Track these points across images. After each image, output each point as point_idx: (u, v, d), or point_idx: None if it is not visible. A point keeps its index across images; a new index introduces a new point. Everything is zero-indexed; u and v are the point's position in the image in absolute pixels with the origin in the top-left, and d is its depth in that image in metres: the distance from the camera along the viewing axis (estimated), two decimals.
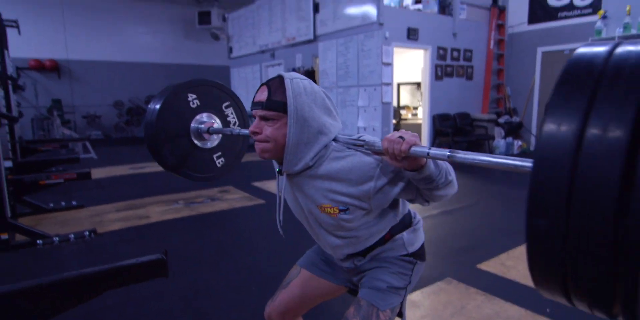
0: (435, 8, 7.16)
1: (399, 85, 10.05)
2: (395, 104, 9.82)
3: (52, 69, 11.65)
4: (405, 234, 1.21)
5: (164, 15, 13.17)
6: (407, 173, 0.97)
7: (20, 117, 9.53)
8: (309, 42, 7.79)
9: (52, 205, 4.28)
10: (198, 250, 3.14)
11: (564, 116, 0.53)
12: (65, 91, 11.96)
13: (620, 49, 0.56)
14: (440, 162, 0.98)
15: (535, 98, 7.81)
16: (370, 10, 6.35)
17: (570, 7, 7.00)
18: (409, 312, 2.14)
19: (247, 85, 10.34)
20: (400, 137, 0.90)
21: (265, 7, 8.83)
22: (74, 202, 4.40)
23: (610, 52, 0.56)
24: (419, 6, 7.36)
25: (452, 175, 1.04)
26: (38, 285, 1.34)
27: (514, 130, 8.14)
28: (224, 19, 11.04)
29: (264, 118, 1.06)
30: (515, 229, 3.55)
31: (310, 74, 7.86)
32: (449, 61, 7.30)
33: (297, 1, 7.78)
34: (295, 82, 1.05)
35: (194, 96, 1.61)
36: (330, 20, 7.09)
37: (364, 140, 1.01)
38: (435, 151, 0.86)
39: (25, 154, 5.50)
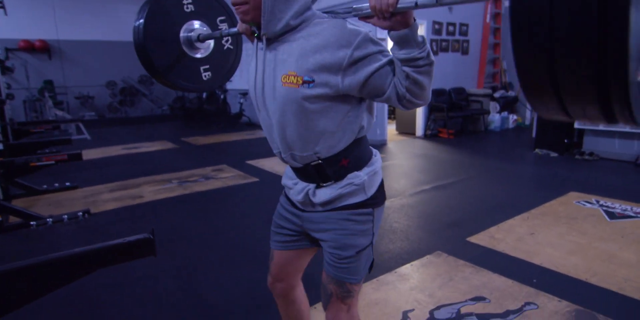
0: None
1: None
2: None
3: (42, 49, 11.44)
4: (362, 173, 1.11)
5: None
6: (393, 34, 0.91)
7: (10, 98, 9.44)
8: None
9: (45, 186, 4.27)
10: (192, 229, 3.16)
11: None
12: (56, 72, 11.78)
13: None
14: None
15: None
16: None
17: None
18: (399, 285, 2.18)
19: (240, 64, 10.19)
20: None
21: None
22: (67, 183, 4.39)
23: None
24: None
25: (432, 58, 0.96)
26: (29, 265, 1.36)
27: (510, 104, 8.10)
28: None
29: None
30: (507, 202, 3.58)
31: None
32: (444, 36, 7.18)
33: None
34: None
35: (189, 0, 1.54)
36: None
37: (350, 7, 0.97)
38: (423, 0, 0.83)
39: (17, 136, 5.46)
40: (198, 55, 1.60)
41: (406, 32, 0.90)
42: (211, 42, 1.62)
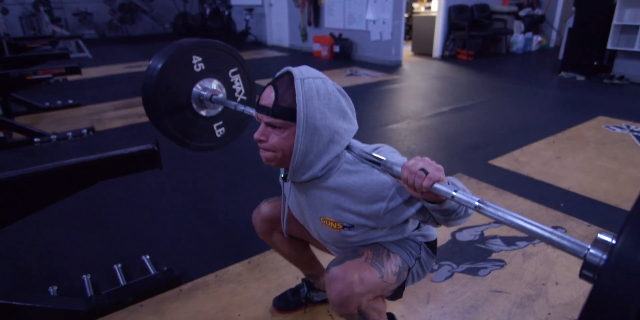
0: None
1: None
2: None
3: None
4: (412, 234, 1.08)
5: None
6: (426, 204, 0.86)
7: (4, 13, 8.93)
8: None
9: (47, 104, 4.12)
10: None
11: None
12: None
13: None
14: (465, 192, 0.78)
15: None
16: None
17: None
18: None
19: None
20: (423, 169, 0.78)
21: None
22: (70, 101, 4.23)
23: None
24: None
25: (472, 211, 0.88)
26: (31, 174, 1.27)
27: (535, 24, 7.52)
28: None
29: (270, 125, 0.91)
30: (531, 125, 3.38)
31: None
32: None
33: None
34: (307, 83, 0.87)
35: (199, 59, 1.42)
36: None
37: (381, 159, 0.88)
38: (461, 196, 0.72)
39: (13, 52, 5.18)
40: (210, 113, 1.51)
41: (436, 206, 0.83)
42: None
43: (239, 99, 1.60)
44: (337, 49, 6.74)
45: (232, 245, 1.82)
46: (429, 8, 9.06)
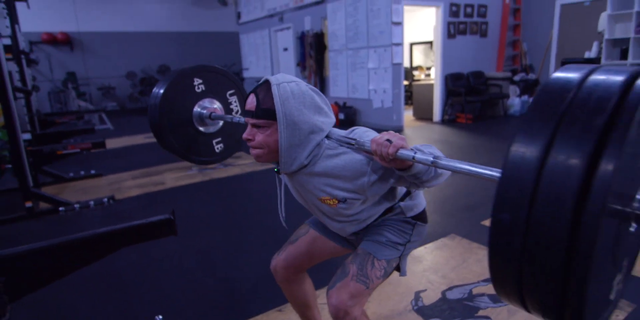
0: None
1: (411, 45, 9.81)
2: (407, 64, 9.63)
3: (64, 41, 11.68)
4: (401, 204, 1.26)
5: None
6: (397, 172, 1.02)
7: (36, 90, 9.70)
8: (317, 3, 7.60)
9: (72, 174, 4.45)
10: (211, 213, 3.26)
11: (531, 144, 0.58)
12: (78, 63, 12.04)
13: (592, 78, 0.58)
14: (430, 151, 0.98)
15: (552, 53, 7.54)
16: None
17: None
18: (412, 267, 2.22)
19: (256, 51, 10.24)
20: (388, 139, 0.94)
21: None
22: (92, 171, 4.56)
23: (582, 82, 0.59)
24: None
25: (442, 171, 1.05)
26: (59, 244, 1.45)
27: (530, 87, 7.94)
28: None
29: (255, 126, 1.10)
30: None
31: (319, 37, 7.71)
32: (462, 18, 7.05)
33: None
34: (282, 87, 1.06)
35: (200, 81, 1.65)
36: None
37: (355, 139, 1.06)
38: (420, 156, 0.90)
39: (43, 127, 5.65)
40: (210, 130, 1.72)
41: (406, 172, 0.99)
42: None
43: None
44: (342, 116, 7.16)
45: (239, 303, 1.96)
46: (428, 75, 9.65)
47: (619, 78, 0.57)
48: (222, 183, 4.12)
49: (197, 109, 1.66)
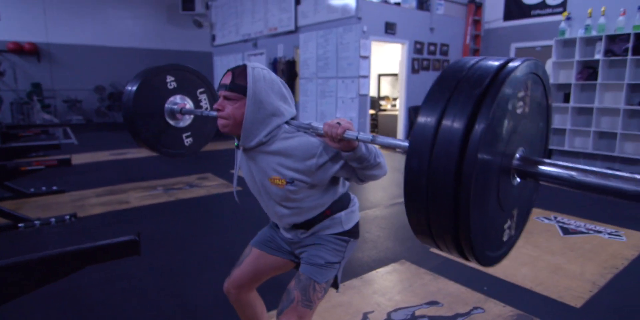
0: (413, 3, 7.35)
1: (379, 76, 10.25)
2: (375, 94, 10.04)
3: (31, 52, 11.52)
4: (342, 213, 1.40)
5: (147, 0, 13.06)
6: (343, 154, 1.17)
7: None
8: (290, 32, 7.92)
9: (33, 190, 4.41)
10: (174, 234, 3.34)
11: (431, 110, 0.76)
12: (45, 75, 11.85)
13: (480, 63, 0.78)
14: (371, 147, 1.20)
15: None
16: (350, 3, 6.50)
17: (542, 5, 7.27)
18: (362, 289, 2.39)
19: None
20: (338, 122, 1.11)
21: None
22: (54, 187, 4.53)
23: (472, 65, 0.78)
24: (398, 0, 7.53)
25: (381, 158, 1.24)
26: (23, 262, 1.51)
27: None
28: (207, 7, 11.04)
29: (227, 98, 1.25)
30: None
31: (291, 64, 8.00)
32: (425, 55, 7.52)
33: None
34: (257, 70, 1.24)
35: (172, 78, 1.81)
36: (311, 12, 7.23)
37: (310, 124, 1.22)
38: (362, 135, 1.08)
39: (5, 140, 5.57)
40: (180, 125, 1.86)
41: (351, 154, 1.16)
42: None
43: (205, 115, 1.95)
44: None
45: None
46: (394, 106, 10.08)
47: (497, 63, 0.76)
48: (187, 204, 4.20)
49: (168, 104, 1.80)
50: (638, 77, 5.15)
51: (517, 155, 0.83)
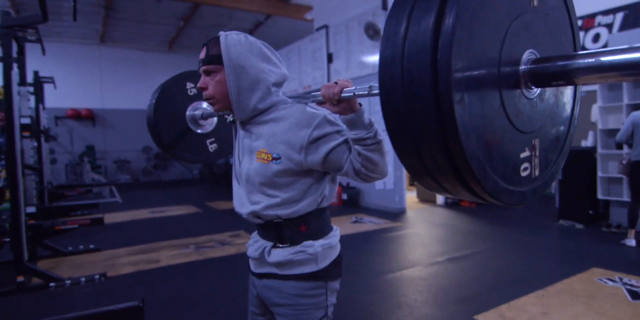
0: None
1: None
2: None
3: (87, 117, 12.44)
4: (318, 245, 1.18)
5: (189, 64, 14.00)
6: (344, 117, 1.05)
7: (53, 163, 10.09)
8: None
9: (70, 248, 4.46)
10: (200, 294, 3.20)
11: (398, 19, 0.68)
12: (98, 138, 12.67)
13: None
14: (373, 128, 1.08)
15: None
16: None
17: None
18: None
19: None
20: (335, 82, 1.03)
21: (284, 58, 9.30)
22: (91, 246, 4.57)
23: None
24: None
25: (383, 138, 1.07)
26: None
27: None
28: None
29: (206, 72, 1.17)
30: (523, 277, 3.47)
31: None
32: None
33: (313, 53, 8.20)
34: (230, 36, 1.14)
35: (192, 85, 1.80)
36: (343, 70, 7.41)
37: (309, 93, 1.14)
38: (360, 91, 0.99)
39: (53, 199, 5.82)
40: (203, 130, 1.84)
41: (353, 116, 1.04)
42: (215, 118, 1.86)
43: (228, 120, 1.87)
44: (345, 196, 7.24)
45: None
46: None
47: None
48: (216, 263, 4.09)
49: (190, 110, 1.78)
50: None
51: (525, 58, 0.70)
